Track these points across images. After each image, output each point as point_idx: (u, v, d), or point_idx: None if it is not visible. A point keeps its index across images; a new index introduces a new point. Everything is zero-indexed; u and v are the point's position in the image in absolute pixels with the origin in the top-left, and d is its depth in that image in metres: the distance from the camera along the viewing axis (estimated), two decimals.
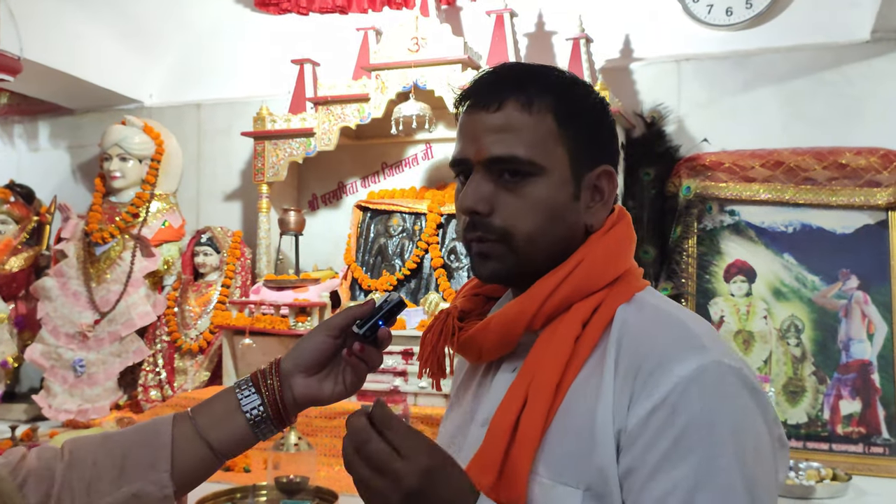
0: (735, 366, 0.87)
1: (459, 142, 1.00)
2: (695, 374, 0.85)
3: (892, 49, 2.76)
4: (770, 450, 0.87)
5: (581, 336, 0.93)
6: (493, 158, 0.95)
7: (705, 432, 0.83)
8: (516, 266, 0.97)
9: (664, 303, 0.98)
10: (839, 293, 2.69)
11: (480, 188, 0.96)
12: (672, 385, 0.84)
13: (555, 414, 0.90)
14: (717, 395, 0.85)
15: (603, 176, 1.00)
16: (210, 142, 3.73)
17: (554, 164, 0.96)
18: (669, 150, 2.95)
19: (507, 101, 0.96)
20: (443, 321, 1.06)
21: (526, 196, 0.95)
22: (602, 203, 1.00)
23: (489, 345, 0.99)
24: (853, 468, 2.49)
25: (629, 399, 0.86)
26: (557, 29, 3.18)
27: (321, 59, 3.38)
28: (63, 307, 3.36)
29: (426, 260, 3.07)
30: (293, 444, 2.33)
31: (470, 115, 0.99)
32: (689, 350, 0.87)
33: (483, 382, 1.05)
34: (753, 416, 0.86)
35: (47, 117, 4.04)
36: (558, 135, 0.96)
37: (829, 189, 2.75)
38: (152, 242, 3.43)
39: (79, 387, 3.27)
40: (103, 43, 3.57)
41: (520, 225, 0.95)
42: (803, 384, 2.68)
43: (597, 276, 0.96)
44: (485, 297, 1.11)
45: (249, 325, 3.05)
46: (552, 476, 0.89)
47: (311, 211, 3.50)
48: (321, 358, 1.03)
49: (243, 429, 1.01)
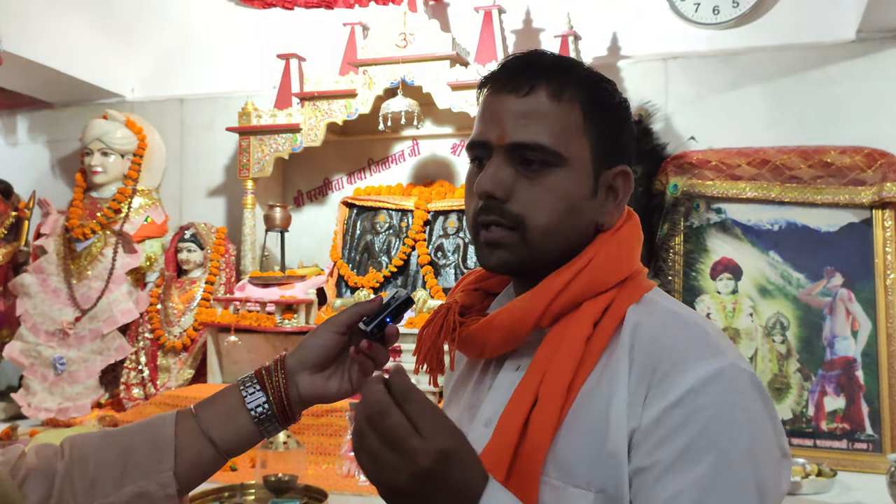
0: (749, 370, 0.87)
1: (480, 124, 0.97)
2: (713, 376, 0.84)
3: (878, 49, 2.79)
4: (778, 457, 0.87)
5: (592, 336, 0.91)
6: (516, 144, 0.93)
7: (722, 434, 0.82)
8: (527, 257, 0.95)
9: (675, 304, 0.97)
10: (824, 291, 2.71)
11: (500, 173, 0.94)
12: (689, 386, 0.83)
13: (565, 415, 0.88)
14: (735, 398, 0.84)
15: (620, 175, 0.98)
16: (193, 137, 3.68)
17: (576, 156, 0.94)
18: (656, 148, 2.96)
19: (537, 87, 0.94)
20: (443, 316, 1.03)
21: (546, 186, 0.93)
22: (616, 203, 0.99)
23: (494, 342, 0.97)
24: (837, 464, 2.52)
25: (643, 399, 0.85)
26: (545, 26, 3.18)
27: (307, 54, 3.35)
28: (43, 304, 3.30)
29: (413, 257, 3.06)
30: (282, 442, 2.31)
31: (495, 97, 0.96)
32: (706, 352, 0.86)
33: (482, 380, 1.03)
34: (765, 423, 0.86)
35: (26, 111, 3.96)
36: (583, 128, 0.95)
37: (814, 187, 2.77)
38: (134, 238, 3.38)
39: (59, 385, 3.22)
40: (84, 35, 3.51)
41: (537, 214, 0.93)
42: (788, 381, 2.70)
43: (607, 275, 0.94)
44: (484, 292, 1.09)
45: (235, 323, 3.02)
46: (563, 478, 0.87)
47: (297, 207, 3.48)
48: (327, 355, 1.01)
49: (248, 426, 0.99)
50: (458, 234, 3.02)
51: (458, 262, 2.98)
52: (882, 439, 2.56)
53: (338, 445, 2.57)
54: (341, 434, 2.60)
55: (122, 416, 3.01)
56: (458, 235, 3.02)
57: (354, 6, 3.35)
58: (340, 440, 2.58)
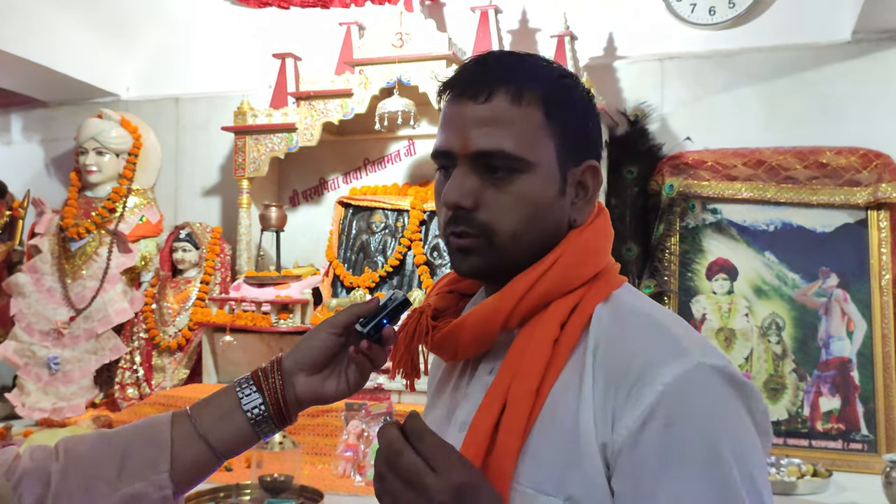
0: (718, 364, 0.84)
1: (443, 133, 0.95)
2: (680, 381, 0.82)
3: (873, 50, 2.79)
4: (760, 446, 0.85)
5: (559, 338, 0.90)
6: (479, 152, 0.92)
7: (700, 442, 0.80)
8: (497, 262, 0.94)
9: (641, 302, 0.95)
10: (819, 291, 2.72)
11: (465, 182, 0.92)
12: (657, 395, 0.81)
13: (535, 421, 0.87)
14: (706, 401, 0.82)
15: (588, 171, 0.97)
16: (189, 136, 3.67)
17: (541, 159, 0.92)
18: (652, 149, 2.96)
19: (496, 92, 0.92)
20: (416, 320, 1.03)
21: (512, 192, 0.92)
22: (586, 199, 0.97)
23: (464, 344, 0.96)
24: (833, 464, 2.52)
25: (612, 410, 0.84)
26: (541, 26, 3.17)
27: (303, 53, 3.34)
28: (37, 303, 3.29)
29: (409, 257, 3.05)
30: (277, 442, 2.31)
31: (455, 106, 0.94)
32: (669, 355, 0.84)
33: (459, 384, 1.02)
34: (743, 416, 0.84)
35: (20, 110, 3.95)
36: (546, 128, 0.93)
37: (809, 188, 2.77)
38: (129, 238, 3.37)
39: (53, 385, 3.21)
40: (79, 34, 3.50)
41: (504, 221, 0.92)
42: (784, 381, 2.70)
43: (575, 273, 0.93)
44: (459, 294, 1.08)
45: (230, 322, 3.01)
46: (533, 485, 0.85)
47: (292, 207, 3.47)
48: (324, 356, 1.01)
49: (244, 428, 0.98)
50: None
51: None
52: (877, 439, 2.57)
53: (333, 446, 2.57)
54: (337, 434, 2.60)
55: (117, 416, 3.00)
56: None
57: (350, 6, 3.34)
58: (336, 440, 2.57)
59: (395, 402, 2.69)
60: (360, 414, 2.56)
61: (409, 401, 2.70)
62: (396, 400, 2.71)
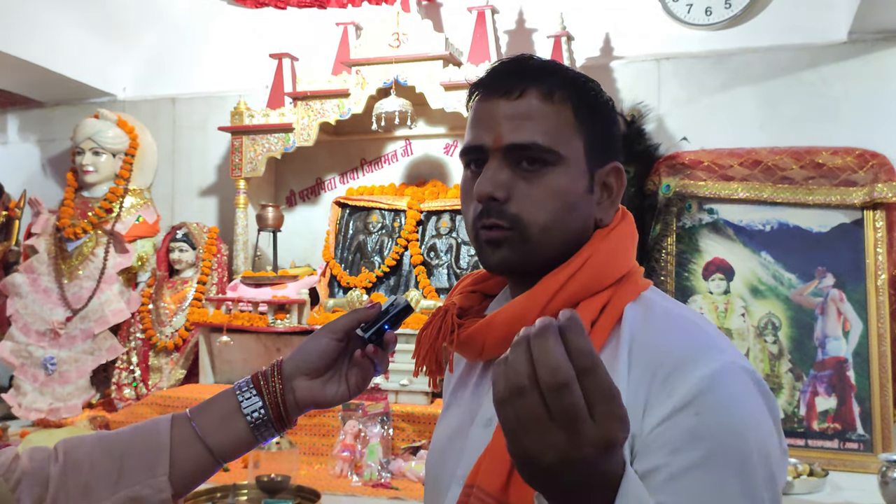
0: (748, 367, 0.87)
1: (473, 129, 0.98)
2: (715, 376, 0.84)
3: (869, 50, 2.80)
4: (778, 452, 0.87)
5: (589, 335, 0.92)
6: (512, 145, 0.94)
7: (729, 435, 0.82)
8: (527, 255, 0.96)
9: (671, 303, 0.98)
10: (815, 291, 2.72)
11: (498, 175, 0.95)
12: (691, 387, 0.83)
13: None
14: (738, 396, 0.84)
15: (613, 172, 1.00)
16: (185, 136, 3.67)
17: (571, 154, 0.95)
18: (649, 149, 2.96)
19: (528, 90, 0.95)
20: (441, 318, 1.04)
21: (544, 185, 0.94)
22: (611, 200, 1.00)
23: (491, 343, 0.97)
24: (829, 464, 2.53)
25: (644, 402, 0.85)
26: (538, 26, 3.18)
27: (300, 53, 3.34)
28: (33, 304, 3.28)
29: (406, 257, 3.05)
30: (274, 442, 2.31)
31: (487, 103, 0.98)
32: (705, 352, 0.86)
33: (482, 381, 1.03)
34: (767, 419, 0.86)
35: (16, 110, 3.95)
36: (575, 126, 0.96)
37: (805, 188, 2.78)
38: (126, 238, 3.37)
39: (50, 385, 3.20)
40: (75, 34, 3.49)
41: (536, 213, 0.94)
42: (780, 381, 2.71)
43: (604, 274, 0.95)
44: (482, 294, 1.10)
45: (227, 323, 3.01)
46: None
47: (289, 207, 3.47)
48: (325, 360, 1.01)
49: (243, 431, 0.99)
50: (450, 235, 3.02)
51: (451, 263, 2.98)
52: (873, 439, 2.58)
53: (330, 446, 2.57)
54: (334, 434, 2.60)
55: (114, 417, 3.00)
56: (451, 235, 3.02)
57: (347, 6, 3.35)
58: (333, 440, 2.58)
59: (392, 401, 2.69)
60: (357, 414, 2.56)
61: (405, 400, 2.71)
62: (393, 400, 2.71)
